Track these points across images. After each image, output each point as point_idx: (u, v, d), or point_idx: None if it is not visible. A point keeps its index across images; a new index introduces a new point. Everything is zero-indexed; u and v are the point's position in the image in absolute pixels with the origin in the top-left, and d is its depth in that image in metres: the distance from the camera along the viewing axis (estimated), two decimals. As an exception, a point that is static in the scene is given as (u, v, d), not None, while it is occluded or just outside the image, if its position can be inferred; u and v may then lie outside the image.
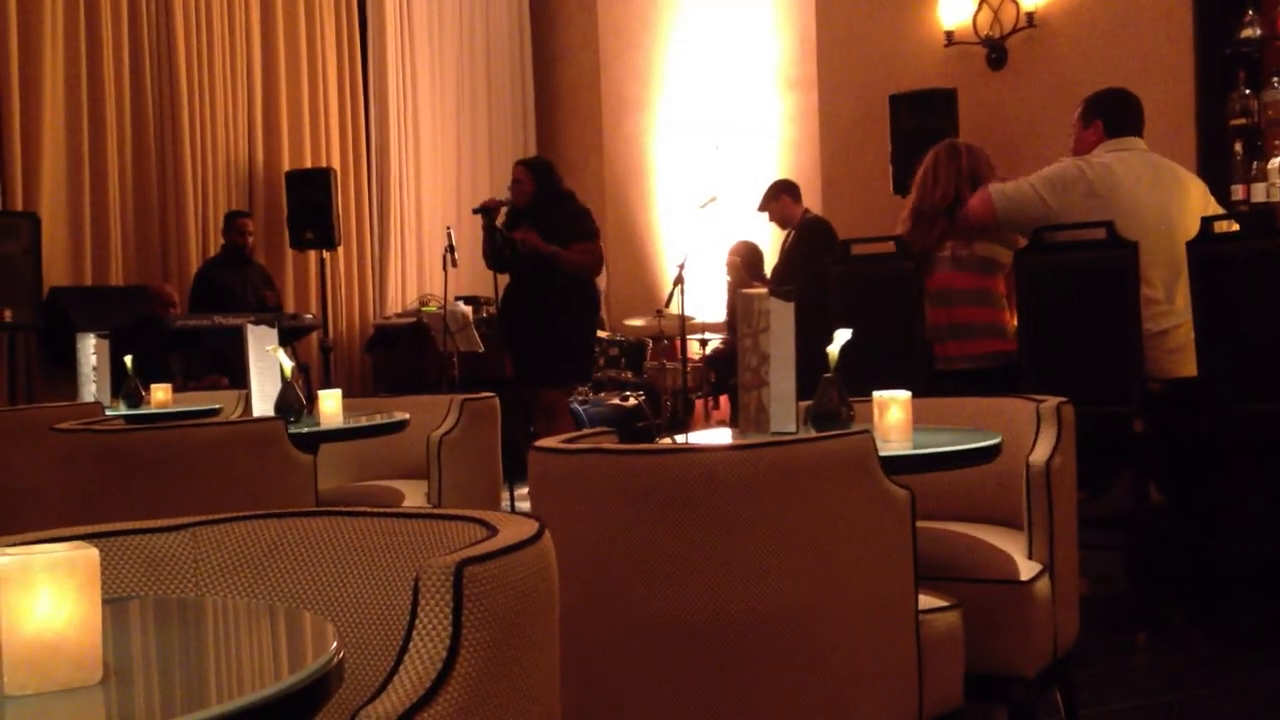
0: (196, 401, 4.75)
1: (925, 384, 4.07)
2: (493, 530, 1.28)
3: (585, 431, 2.42)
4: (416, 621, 1.07)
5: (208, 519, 1.44)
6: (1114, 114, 4.28)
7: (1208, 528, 4.13)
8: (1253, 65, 6.16)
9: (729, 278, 7.36)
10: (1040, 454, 2.63)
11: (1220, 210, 4.23)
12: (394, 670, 1.04)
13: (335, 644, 1.01)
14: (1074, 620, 2.75)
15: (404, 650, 1.06)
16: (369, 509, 1.43)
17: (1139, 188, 4.09)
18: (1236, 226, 4.05)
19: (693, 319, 7.06)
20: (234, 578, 1.41)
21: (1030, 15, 6.99)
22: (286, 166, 7.77)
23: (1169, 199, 4.11)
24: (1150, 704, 3.11)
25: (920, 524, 2.16)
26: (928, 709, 2.15)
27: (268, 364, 3.46)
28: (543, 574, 1.23)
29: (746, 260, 7.22)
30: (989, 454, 2.42)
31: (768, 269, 7.18)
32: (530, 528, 1.26)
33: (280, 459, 2.96)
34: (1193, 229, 4.03)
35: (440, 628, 1.06)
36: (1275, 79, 6.01)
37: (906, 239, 4.44)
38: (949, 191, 4.36)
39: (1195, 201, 4.16)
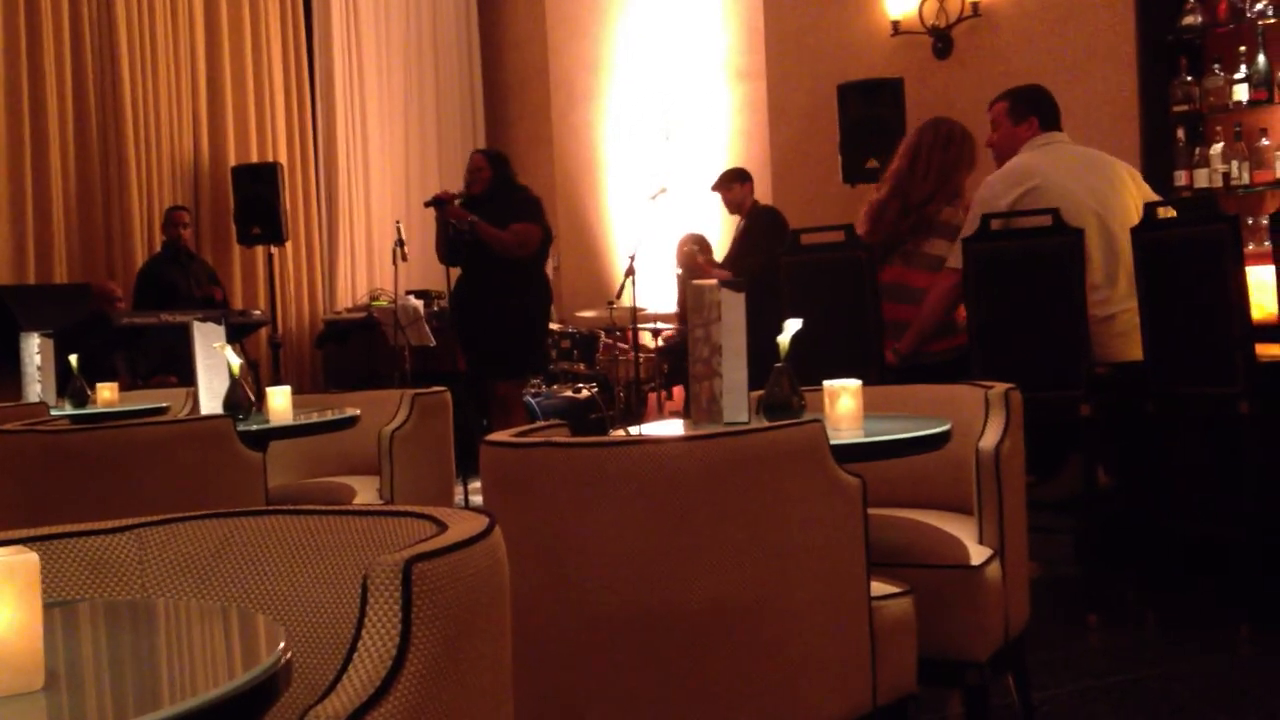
0: (143, 400, 4.69)
1: (877, 372, 4.10)
2: (442, 526, 1.27)
3: (537, 425, 2.42)
4: (365, 620, 1.06)
5: (153, 520, 1.42)
6: (1046, 110, 4.35)
7: (1156, 510, 4.19)
8: (1194, 52, 6.24)
9: (679, 269, 7.36)
10: (989, 440, 2.65)
11: (1155, 196, 4.29)
12: (343, 670, 1.03)
13: (283, 644, 1.00)
14: (1025, 603, 2.78)
15: (353, 649, 1.05)
16: (317, 507, 1.42)
17: (1072, 178, 4.14)
18: (1174, 213, 4.11)
19: (644, 310, 7.06)
20: (181, 579, 1.39)
21: (975, 4, 7.04)
22: (232, 161, 7.68)
23: (1104, 186, 4.17)
24: (1102, 684, 3.15)
25: (871, 511, 2.18)
26: (881, 695, 2.16)
27: (215, 361, 3.42)
28: (493, 569, 1.22)
29: (704, 249, 7.23)
30: (938, 441, 2.44)
31: (718, 258, 7.19)
32: (480, 523, 1.26)
33: (229, 457, 2.93)
34: (1131, 215, 4.09)
35: (389, 626, 1.05)
36: (1216, 66, 6.09)
37: (871, 224, 4.46)
38: (934, 188, 4.37)
39: (1130, 188, 4.22)
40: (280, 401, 3.40)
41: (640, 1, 8.57)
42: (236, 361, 3.34)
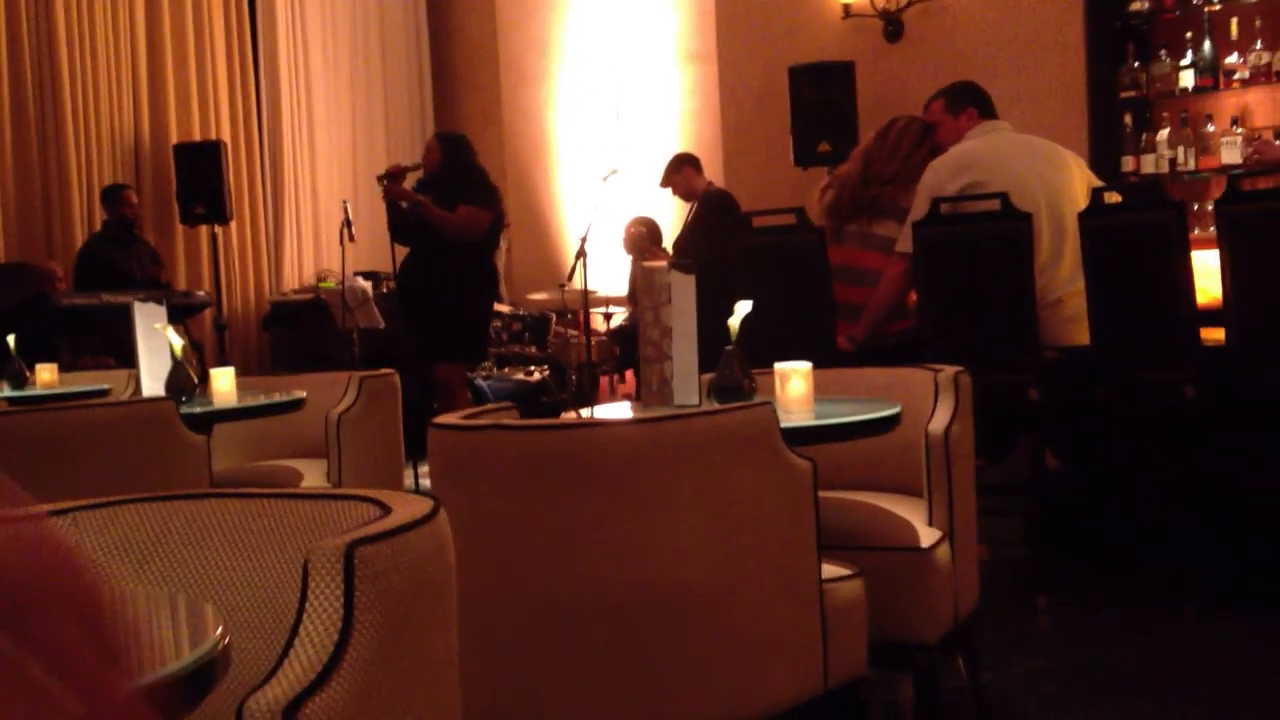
0: (84, 382, 4.59)
1: (829, 355, 4.10)
2: (386, 510, 1.25)
3: (485, 407, 2.39)
4: (306, 605, 1.03)
5: (90, 503, 1.38)
6: (982, 100, 4.41)
7: (1104, 492, 4.23)
8: (1142, 38, 6.29)
9: (628, 251, 7.34)
10: (939, 422, 2.66)
11: (1099, 182, 4.33)
12: (283, 656, 1.00)
13: (220, 629, 0.97)
14: (975, 585, 2.79)
15: (293, 635, 1.02)
16: (258, 490, 1.38)
17: (1018, 162, 4.17)
18: (1120, 198, 4.15)
19: (596, 292, 7.03)
20: (118, 563, 1.35)
21: (926, -12, 7.06)
22: (174, 139, 7.55)
23: (1050, 171, 4.20)
24: (1052, 665, 3.17)
25: (822, 494, 2.17)
26: (833, 677, 2.16)
27: (157, 343, 3.35)
28: (438, 553, 1.19)
29: (651, 231, 7.21)
30: (889, 424, 2.44)
31: (668, 243, 7.17)
32: (425, 506, 1.23)
33: (171, 440, 2.87)
34: (1077, 200, 4.12)
35: (331, 611, 1.03)
36: (1163, 52, 6.15)
37: (829, 186, 4.50)
38: (898, 169, 4.41)
39: (1075, 173, 4.26)
40: (224, 384, 3.35)
41: (591, -18, 8.51)
42: (179, 343, 3.28)
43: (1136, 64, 6.23)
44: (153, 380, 3.38)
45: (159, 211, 7.53)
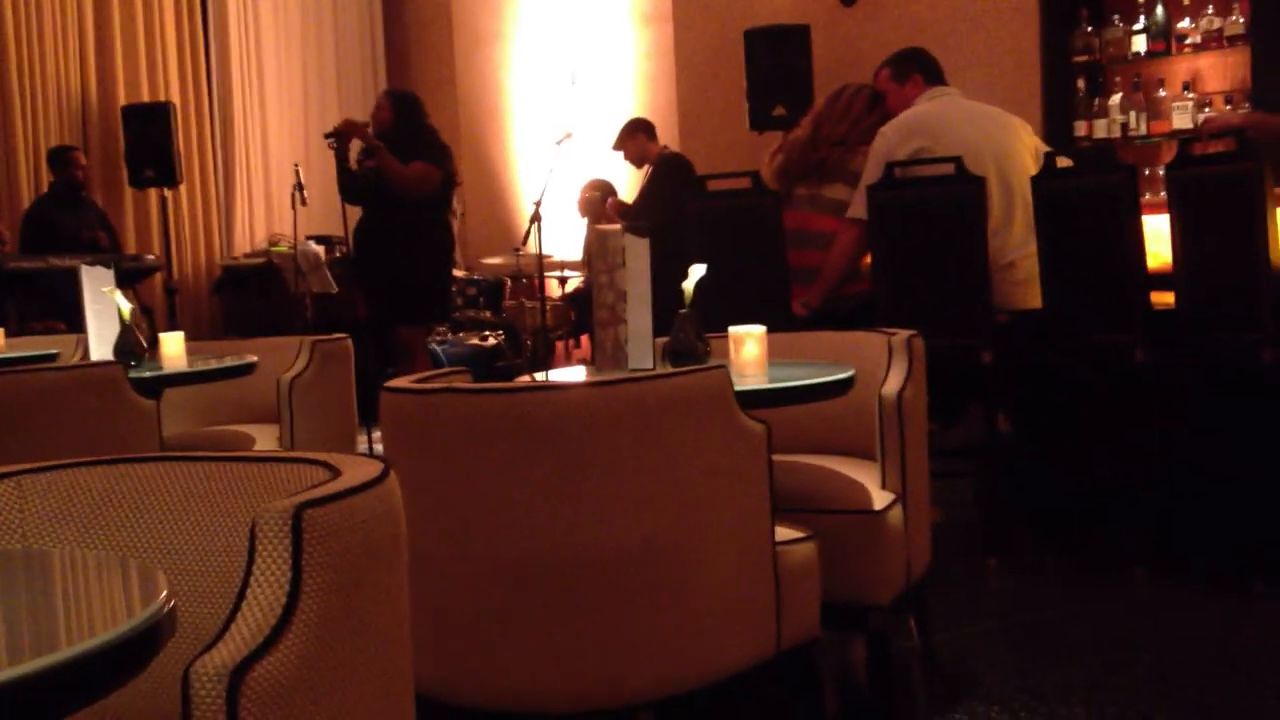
0: (31, 347, 4.52)
1: (783, 319, 4.10)
2: (335, 472, 1.23)
3: (438, 371, 2.37)
4: (254, 568, 1.02)
5: (35, 466, 1.36)
6: (928, 66, 4.43)
7: (1055, 455, 4.28)
8: (1094, 3, 6.31)
9: (583, 214, 7.30)
10: (892, 386, 2.67)
11: (1046, 147, 4.36)
12: (230, 619, 0.99)
13: (165, 593, 0.95)
14: (926, 547, 2.82)
15: (240, 598, 1.01)
16: (207, 453, 1.36)
17: (967, 127, 4.19)
18: (1071, 163, 4.17)
19: (551, 257, 7.00)
20: (63, 527, 1.33)
21: (882, -48, 7.04)
22: (123, 101, 7.41)
23: (1000, 135, 4.22)
24: (1002, 625, 3.21)
25: (776, 457, 2.18)
26: (786, 639, 2.17)
27: (105, 307, 3.30)
28: (387, 515, 1.18)
29: (607, 194, 7.17)
30: (842, 387, 2.45)
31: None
32: (374, 468, 1.22)
33: (120, 404, 2.84)
34: (1027, 164, 4.14)
35: (279, 573, 1.02)
36: (1116, 17, 6.17)
37: (779, 150, 4.52)
38: (846, 131, 4.42)
39: (1023, 139, 4.28)
40: (174, 348, 3.31)
41: (546, -57, 8.42)
42: (127, 307, 3.23)
43: (1089, 29, 6.25)
44: (101, 345, 3.33)
45: (107, 174, 7.41)
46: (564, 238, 7.64)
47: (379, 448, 5.42)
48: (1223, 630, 3.11)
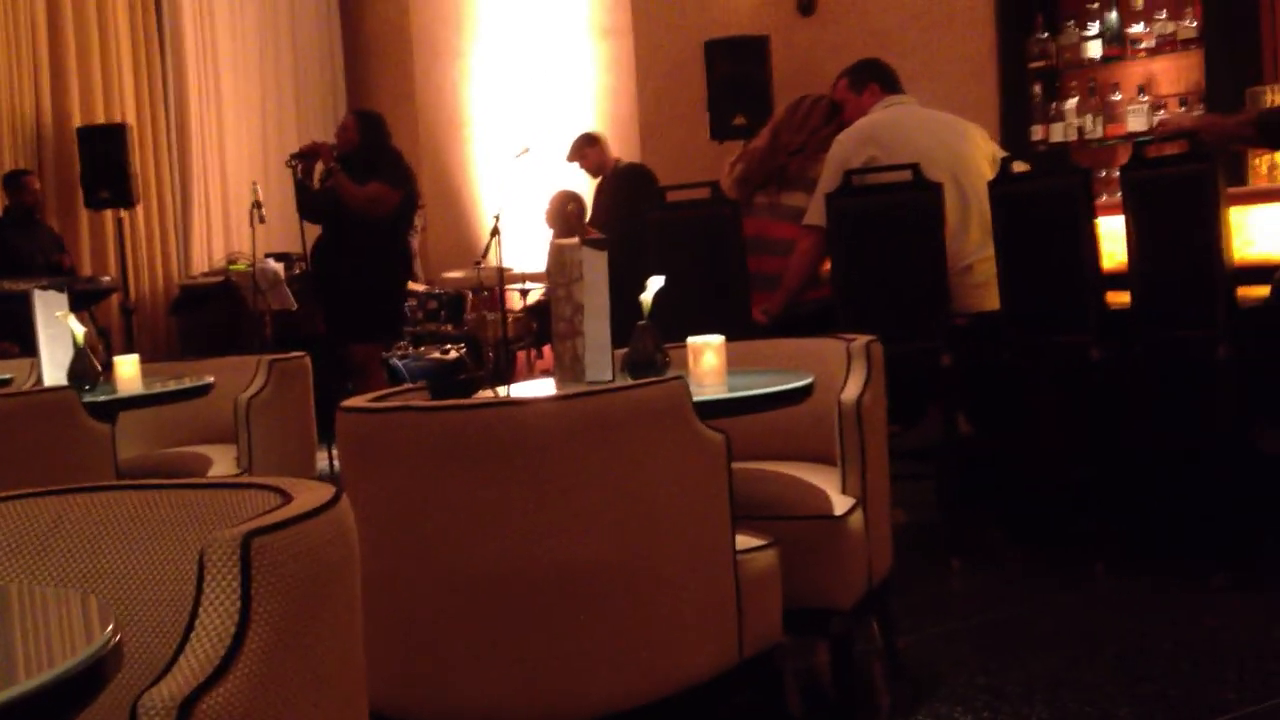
0: (-14, 372, 4.47)
1: (744, 327, 4.12)
2: (287, 498, 1.23)
3: (395, 389, 2.37)
4: (202, 598, 1.01)
5: (-21, 498, 1.34)
6: (884, 75, 4.48)
7: (1015, 455, 4.31)
8: (1050, 8, 6.39)
9: (551, 225, 7.29)
10: (851, 392, 2.68)
11: (1003, 152, 4.40)
12: (178, 651, 0.98)
13: (112, 626, 0.94)
14: (888, 550, 2.83)
15: (189, 629, 1.00)
16: (156, 481, 1.35)
17: (923, 133, 4.23)
18: (1028, 167, 4.21)
19: (512, 270, 6.99)
20: (12, 559, 1.32)
21: (837, -39, 7.09)
22: (78, 122, 7.35)
23: (955, 141, 4.26)
24: (965, 625, 3.23)
25: (736, 465, 2.18)
26: (748, 647, 2.18)
27: (58, 331, 3.27)
28: (339, 541, 1.18)
29: (581, 208, 7.17)
30: (801, 395, 2.46)
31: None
32: (326, 493, 1.21)
33: (74, 430, 2.81)
34: (983, 169, 4.19)
35: (228, 603, 1.01)
36: (1070, 22, 6.24)
37: (739, 159, 4.55)
38: (804, 140, 4.46)
39: (979, 144, 4.33)
40: (128, 370, 3.28)
41: (503, -45, 8.42)
42: (80, 330, 3.20)
43: (1045, 34, 6.32)
44: (55, 369, 3.30)
45: (62, 196, 7.34)
46: (526, 250, 7.64)
47: (338, 463, 5.41)
48: (1185, 624, 3.14)
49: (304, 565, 1.09)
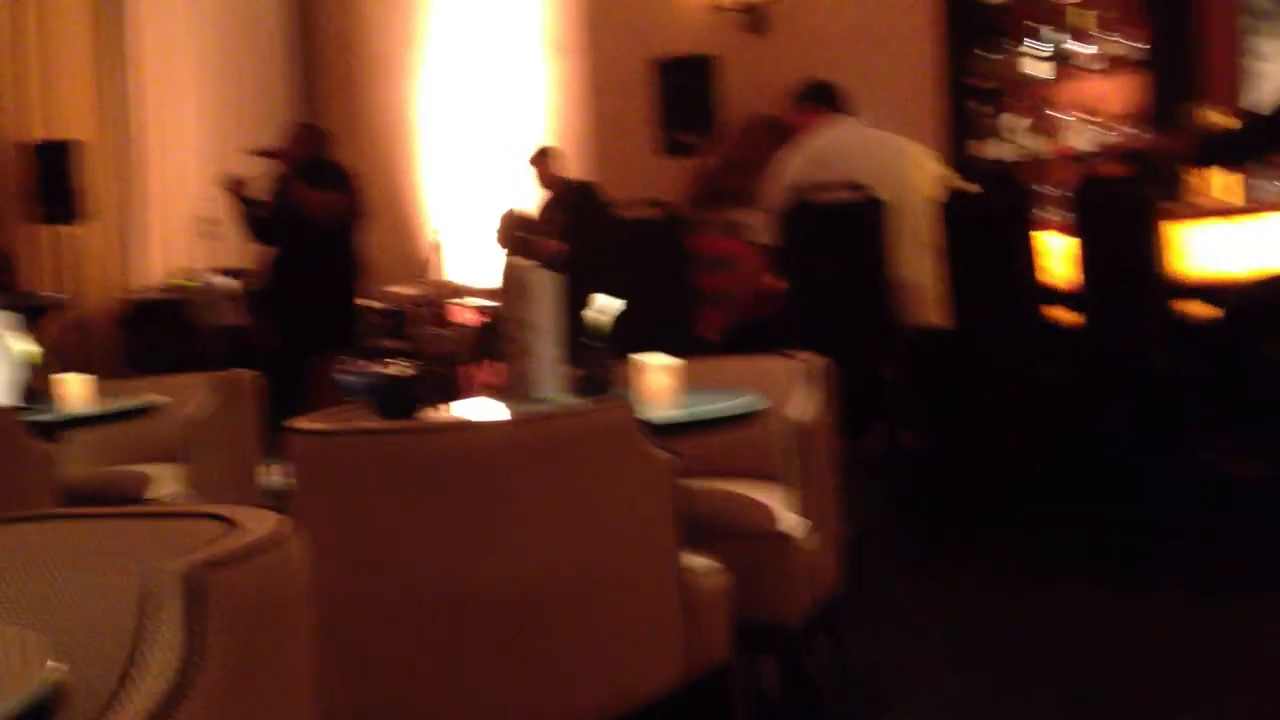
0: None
1: (693, 344, 4.14)
2: (231, 525, 1.22)
3: (340, 409, 2.36)
4: (143, 634, 1.01)
5: (-82, 531, 1.33)
6: (829, 96, 4.55)
7: (963, 467, 4.36)
8: (995, 26, 6.46)
9: (502, 244, 7.28)
10: (800, 412, 2.71)
11: (945, 170, 4.47)
12: (119, 687, 0.98)
13: (51, 663, 0.94)
14: (836, 566, 2.85)
15: (130, 665, 0.99)
16: (98, 510, 1.35)
17: (861, 154, 4.29)
18: (975, 187, 4.29)
19: (458, 284, 6.98)
20: (-49, 593, 1.30)
21: (785, -21, 7.13)
22: (31, 136, 7.27)
23: (896, 160, 4.33)
24: (915, 639, 3.26)
25: (683, 482, 2.19)
26: (696, 667, 2.19)
27: (2, 349, 3.23)
28: (286, 568, 1.18)
29: (521, 226, 7.16)
30: (751, 416, 2.48)
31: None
32: (271, 521, 1.21)
33: (14, 450, 2.77)
34: (919, 187, 4.25)
35: (170, 639, 1.01)
36: (1016, 40, 6.32)
37: (695, 176, 4.61)
38: (753, 160, 4.53)
39: (921, 163, 4.39)
40: (73, 389, 3.25)
41: (455, -29, 8.41)
42: (26, 348, 3.16)
43: (989, 51, 6.40)
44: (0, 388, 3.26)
45: (8, 211, 7.24)
46: (472, 265, 7.63)
47: (276, 479, 5.37)
48: (1136, 634, 3.18)
49: (251, 597, 1.09)
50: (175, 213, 8.17)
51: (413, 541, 2.02)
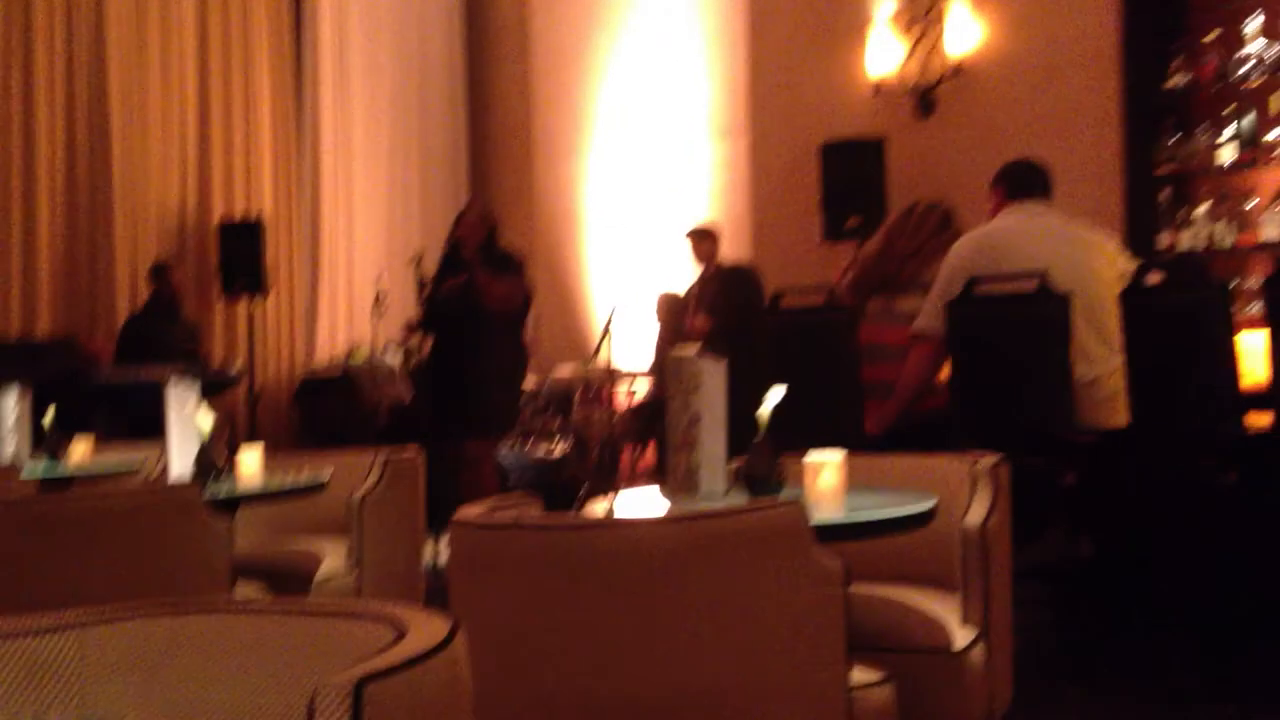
0: (117, 457, 4.60)
1: (857, 439, 4.04)
2: (401, 632, 1.20)
3: (507, 497, 2.35)
4: (310, 747, 0.99)
5: (96, 617, 1.34)
6: (1012, 180, 4.39)
7: (1138, 579, 4.13)
8: (1180, 113, 6.25)
9: (660, 325, 7.31)
10: (975, 516, 2.60)
11: (1133, 262, 4.27)
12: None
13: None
14: (1008, 685, 2.71)
15: (296, 781, 0.97)
16: (270, 605, 1.34)
17: (1041, 244, 4.13)
18: (1159, 278, 4.09)
19: (621, 369, 7.01)
20: (123, 682, 1.31)
21: (958, 65, 7.07)
22: (218, 214, 7.66)
23: (1075, 251, 4.15)
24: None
25: (851, 589, 2.11)
26: (862, 786, 2.09)
27: (187, 424, 3.35)
28: (452, 684, 1.15)
29: (675, 309, 7.19)
30: (924, 519, 2.38)
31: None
32: (441, 629, 1.19)
33: (195, 526, 2.84)
34: (1105, 279, 4.07)
35: (336, 754, 0.98)
36: (1202, 126, 6.10)
37: (854, 275, 4.52)
38: (919, 245, 4.43)
39: (1105, 254, 4.21)
40: (250, 464, 3.34)
41: (625, 58, 8.58)
42: (209, 424, 3.27)
43: (1174, 139, 6.18)
44: (182, 460, 3.37)
45: (200, 285, 7.61)
46: (634, 348, 7.66)
47: (444, 556, 5.41)
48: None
49: (415, 713, 1.06)
50: (348, 289, 8.46)
51: (568, 641, 1.97)
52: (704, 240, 6.99)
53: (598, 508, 2.65)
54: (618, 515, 2.53)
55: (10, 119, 6.53)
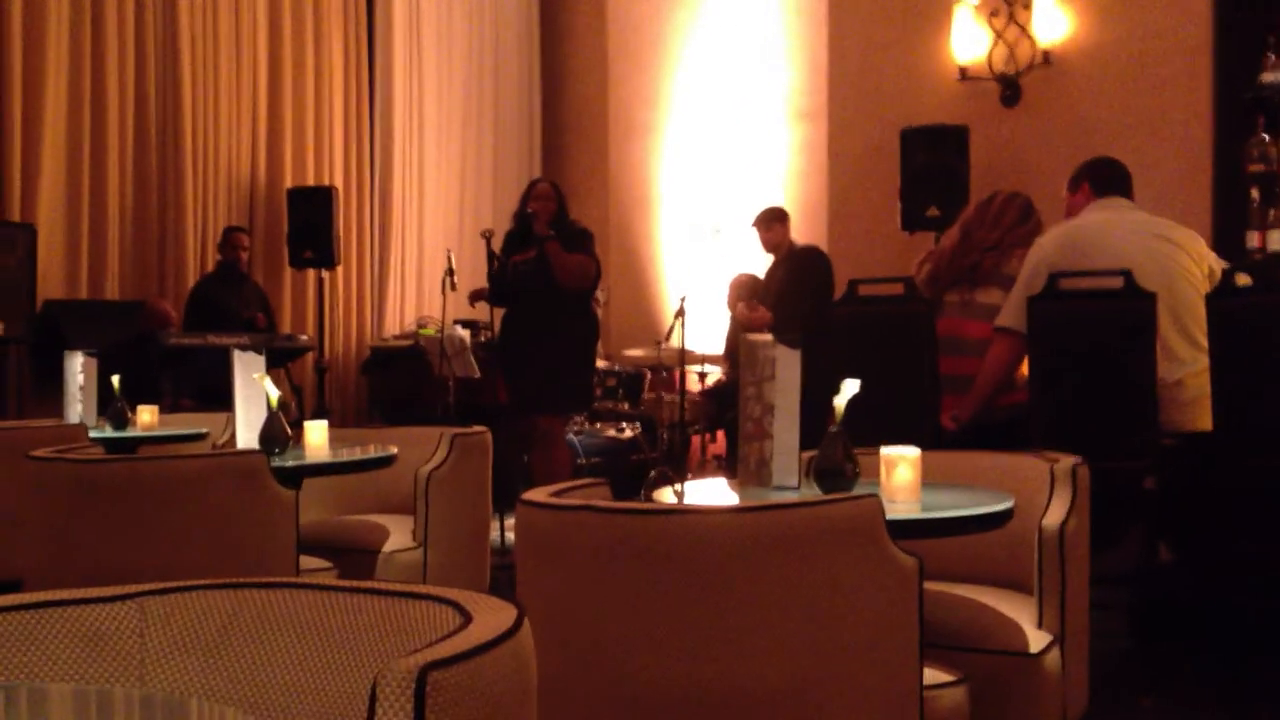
0: (184, 424, 4.63)
1: (933, 434, 3.95)
2: (466, 617, 1.16)
3: (576, 483, 2.31)
4: (373, 732, 0.95)
5: (157, 588, 1.32)
6: (1099, 176, 4.28)
7: (1220, 586, 4.01)
8: (1272, 111, 6.05)
9: (730, 308, 7.23)
10: (1054, 518, 2.51)
11: (1220, 262, 4.14)
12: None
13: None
14: (1084, 691, 2.63)
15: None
16: (333, 582, 1.31)
17: (1128, 241, 4.01)
18: (1249, 280, 3.96)
19: (693, 351, 6.93)
20: (183, 656, 1.29)
21: (1046, 53, 6.91)
22: (288, 183, 7.67)
23: (1165, 250, 4.03)
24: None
25: (925, 587, 2.04)
26: (930, 791, 2.02)
27: (254, 392, 3.34)
28: (518, 673, 1.11)
29: (750, 292, 7.08)
30: (1001, 519, 2.31)
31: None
32: (507, 617, 1.15)
33: (261, 494, 2.85)
34: (1192, 279, 3.96)
35: (399, 742, 0.95)
36: (1294, 124, 5.91)
37: (929, 256, 4.42)
38: (1000, 238, 4.33)
39: (1193, 253, 4.08)
40: (317, 436, 3.33)
41: (703, 36, 8.49)
42: (275, 394, 3.26)
43: (1266, 137, 5.99)
44: (248, 429, 3.37)
45: (269, 254, 7.65)
46: (706, 331, 7.59)
47: (510, 534, 5.40)
48: None
49: (480, 702, 1.02)
50: (418, 262, 8.48)
51: (633, 629, 1.93)
52: (778, 223, 6.86)
53: (666, 494, 2.61)
54: (689, 503, 2.48)
55: (81, 85, 6.59)
